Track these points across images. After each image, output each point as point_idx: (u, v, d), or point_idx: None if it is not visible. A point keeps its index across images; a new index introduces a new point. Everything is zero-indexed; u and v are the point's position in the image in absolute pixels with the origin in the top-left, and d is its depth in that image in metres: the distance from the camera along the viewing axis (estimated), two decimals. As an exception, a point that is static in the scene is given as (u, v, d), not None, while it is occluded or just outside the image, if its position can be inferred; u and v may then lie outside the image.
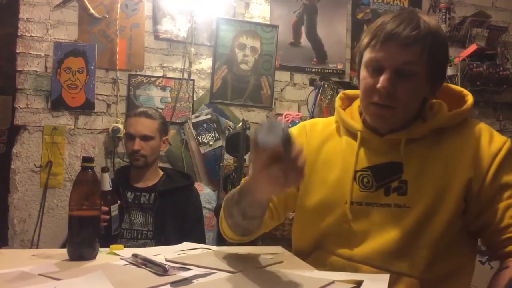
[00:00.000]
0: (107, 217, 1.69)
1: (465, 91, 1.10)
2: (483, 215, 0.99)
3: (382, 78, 0.97)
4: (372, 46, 0.99)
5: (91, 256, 1.03)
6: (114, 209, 1.71)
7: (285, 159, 0.77)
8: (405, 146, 1.03)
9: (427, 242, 0.98)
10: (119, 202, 1.75)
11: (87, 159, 1.07)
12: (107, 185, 1.68)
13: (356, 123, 1.10)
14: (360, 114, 1.13)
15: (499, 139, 1.03)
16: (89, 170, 1.06)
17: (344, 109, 1.17)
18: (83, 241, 1.02)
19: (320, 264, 1.08)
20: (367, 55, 1.01)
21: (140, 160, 1.94)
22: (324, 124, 1.20)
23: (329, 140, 1.15)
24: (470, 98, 1.08)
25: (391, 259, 0.98)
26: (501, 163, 0.99)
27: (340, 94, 1.21)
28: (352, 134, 1.11)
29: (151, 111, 2.05)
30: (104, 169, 1.70)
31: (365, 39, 1.02)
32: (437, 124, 1.04)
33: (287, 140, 0.77)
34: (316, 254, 1.10)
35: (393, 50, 0.96)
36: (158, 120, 2.03)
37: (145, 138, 1.96)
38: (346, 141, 1.11)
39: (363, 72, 1.03)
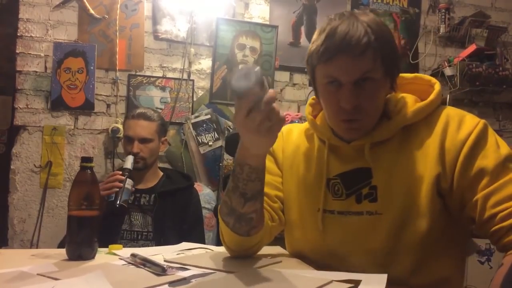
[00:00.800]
0: (120, 185, 1.76)
1: (434, 80, 1.04)
2: (466, 208, 0.93)
3: (344, 96, 0.93)
4: (323, 62, 0.95)
5: (90, 256, 1.03)
6: (128, 184, 1.78)
7: (263, 104, 0.76)
8: (372, 150, 0.99)
9: (408, 247, 0.94)
10: (133, 184, 1.83)
11: (86, 159, 1.07)
12: (128, 165, 1.84)
13: (325, 131, 1.07)
14: None
15: (468, 124, 0.95)
16: (88, 170, 1.06)
17: (315, 116, 1.14)
18: (82, 241, 1.02)
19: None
20: (320, 71, 0.98)
21: (139, 162, 1.93)
22: (300, 131, 1.18)
23: (303, 146, 1.13)
24: (437, 87, 1.02)
25: (374, 271, 0.94)
26: (472, 149, 0.91)
27: (310, 100, 1.17)
28: (322, 140, 1.09)
29: (150, 112, 2.03)
30: (130, 153, 1.92)
31: (314, 53, 0.98)
32: (401, 123, 0.99)
33: (260, 83, 0.75)
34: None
35: (347, 64, 0.92)
36: (156, 121, 2.01)
37: (144, 140, 1.95)
38: (318, 147, 1.09)
39: (322, 90, 0.99)
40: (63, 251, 1.05)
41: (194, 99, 2.79)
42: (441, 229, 0.95)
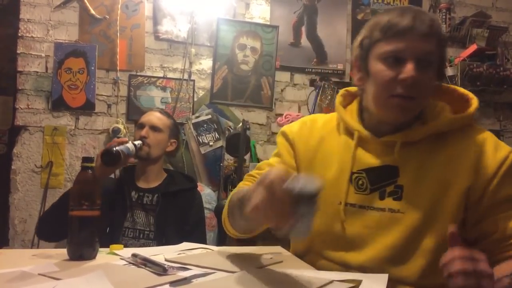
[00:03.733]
0: (126, 139, 1.80)
1: (471, 95, 1.07)
2: (482, 223, 0.97)
3: (408, 68, 0.94)
4: (388, 38, 0.97)
5: (91, 256, 1.03)
6: (132, 145, 1.78)
7: (293, 209, 0.73)
8: (401, 149, 1.00)
9: (423, 250, 0.96)
10: (135, 149, 1.81)
11: (87, 159, 1.07)
12: (136, 142, 1.86)
13: (355, 123, 1.09)
14: (360, 113, 1.11)
15: (505, 148, 0.99)
16: (89, 170, 1.06)
17: (345, 107, 1.15)
18: (83, 241, 1.02)
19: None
20: (382, 47, 0.98)
21: (143, 149, 1.94)
22: (325, 121, 1.19)
23: (327, 138, 1.14)
24: (475, 102, 1.04)
25: (385, 266, 0.97)
26: (507, 173, 0.96)
27: (342, 91, 1.19)
28: (350, 133, 1.10)
29: (166, 112, 2.16)
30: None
31: (374, 34, 1.00)
32: (436, 128, 1.01)
33: (314, 197, 0.75)
34: (308, 258, 1.10)
35: (414, 41, 0.95)
36: (171, 120, 2.11)
37: (154, 128, 2.00)
38: (344, 140, 1.10)
39: (378, 66, 0.99)
40: (64, 251, 1.05)
41: (195, 99, 2.79)
42: None
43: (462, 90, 1.09)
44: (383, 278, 0.86)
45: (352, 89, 1.19)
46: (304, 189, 0.73)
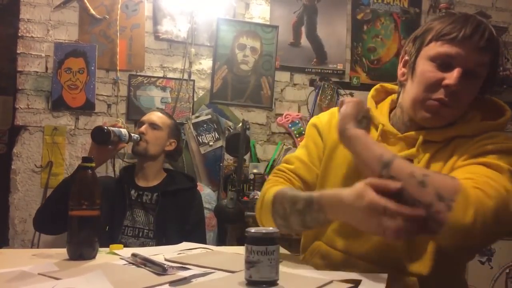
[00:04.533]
0: (121, 126, 1.83)
1: (506, 106, 1.05)
2: None
3: (455, 76, 0.94)
4: (446, 40, 0.96)
5: (91, 256, 1.03)
6: (125, 130, 1.79)
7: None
8: (423, 145, 1.00)
9: (427, 240, 0.96)
10: (128, 135, 1.81)
11: (86, 159, 1.07)
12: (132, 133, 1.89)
13: (382, 117, 1.09)
14: (390, 110, 1.12)
15: (503, 136, 0.97)
16: (89, 170, 1.06)
17: (378, 103, 1.16)
18: (83, 240, 1.02)
19: (317, 256, 1.08)
20: (434, 49, 0.98)
21: (141, 145, 1.96)
22: None
23: None
24: (508, 114, 1.03)
25: (389, 256, 0.98)
26: (483, 140, 0.95)
27: (377, 86, 1.19)
28: (374, 126, 1.10)
29: (167, 113, 2.21)
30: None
31: (431, 33, 0.99)
32: (459, 131, 1.00)
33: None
34: (314, 246, 1.10)
35: (470, 51, 0.94)
36: (171, 120, 2.13)
37: (153, 126, 2.03)
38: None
39: (426, 65, 0.99)
40: (63, 250, 1.05)
41: (195, 99, 2.79)
42: None
43: (496, 100, 1.08)
44: (382, 278, 0.86)
45: (388, 85, 1.19)
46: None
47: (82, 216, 1.03)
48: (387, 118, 1.09)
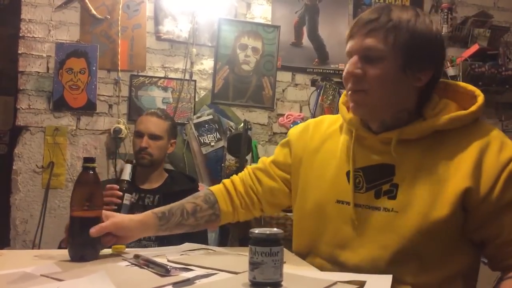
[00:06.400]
0: (119, 201, 1.74)
1: (478, 92, 1.02)
2: (486, 227, 0.94)
3: (348, 63, 0.99)
4: (346, 41, 1.03)
5: (93, 257, 1.02)
6: (127, 198, 1.76)
7: None
8: (399, 147, 0.98)
9: (418, 250, 0.94)
10: (134, 194, 1.78)
11: (88, 160, 1.07)
12: (126, 175, 1.79)
13: (354, 121, 1.08)
14: None
15: (510, 148, 0.95)
16: (91, 171, 1.05)
17: (348, 106, 1.14)
18: (84, 242, 1.01)
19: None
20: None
21: (146, 158, 1.94)
22: (331, 122, 1.20)
23: (329, 139, 1.15)
24: (480, 100, 1.00)
25: (382, 267, 0.95)
26: (510, 176, 0.92)
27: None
28: (351, 131, 1.09)
29: (163, 112, 2.10)
30: (127, 161, 1.88)
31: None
32: (434, 126, 0.98)
33: None
34: (308, 259, 1.10)
35: (358, 37, 0.99)
36: (168, 121, 2.07)
37: (154, 137, 1.98)
38: (344, 139, 1.11)
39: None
40: (65, 251, 1.04)
41: (196, 99, 2.78)
42: (456, 238, 0.96)
43: (465, 85, 1.05)
44: (387, 279, 0.86)
45: None
46: None
47: (84, 217, 1.02)
48: (358, 120, 1.07)
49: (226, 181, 1.27)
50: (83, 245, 1.02)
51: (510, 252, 0.93)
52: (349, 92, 1.01)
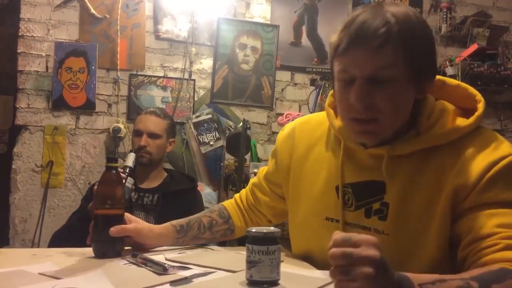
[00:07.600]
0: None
1: (479, 96, 0.92)
2: (458, 224, 0.85)
3: (353, 93, 0.83)
4: (338, 54, 0.85)
5: (115, 254, 1.03)
6: (129, 182, 1.76)
7: None
8: (390, 163, 0.89)
9: (411, 271, 0.83)
10: (133, 182, 1.80)
11: (111, 160, 1.09)
12: (130, 162, 1.79)
13: (343, 128, 0.96)
14: None
15: (505, 149, 0.85)
16: (113, 170, 1.07)
17: (336, 111, 1.01)
18: (106, 239, 1.03)
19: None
20: (336, 64, 0.88)
21: (145, 157, 1.94)
22: (317, 123, 1.10)
23: (317, 146, 1.07)
24: (481, 107, 0.90)
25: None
26: (498, 174, 0.82)
27: (332, 91, 1.01)
28: (338, 140, 1.00)
29: (162, 111, 2.11)
30: (131, 150, 1.88)
31: (332, 45, 0.89)
32: (429, 142, 0.88)
33: None
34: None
35: (361, 56, 0.82)
36: (167, 120, 2.07)
37: (153, 135, 1.98)
38: (333, 149, 1.02)
39: (337, 85, 0.89)
40: (62, 250, 1.05)
41: (195, 98, 2.78)
42: (446, 261, 0.87)
43: (470, 88, 0.94)
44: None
45: None
46: None
47: (107, 214, 1.04)
48: (347, 128, 0.94)
49: (237, 196, 1.28)
50: (105, 242, 1.03)
51: (477, 249, 0.81)
52: (353, 122, 0.87)
